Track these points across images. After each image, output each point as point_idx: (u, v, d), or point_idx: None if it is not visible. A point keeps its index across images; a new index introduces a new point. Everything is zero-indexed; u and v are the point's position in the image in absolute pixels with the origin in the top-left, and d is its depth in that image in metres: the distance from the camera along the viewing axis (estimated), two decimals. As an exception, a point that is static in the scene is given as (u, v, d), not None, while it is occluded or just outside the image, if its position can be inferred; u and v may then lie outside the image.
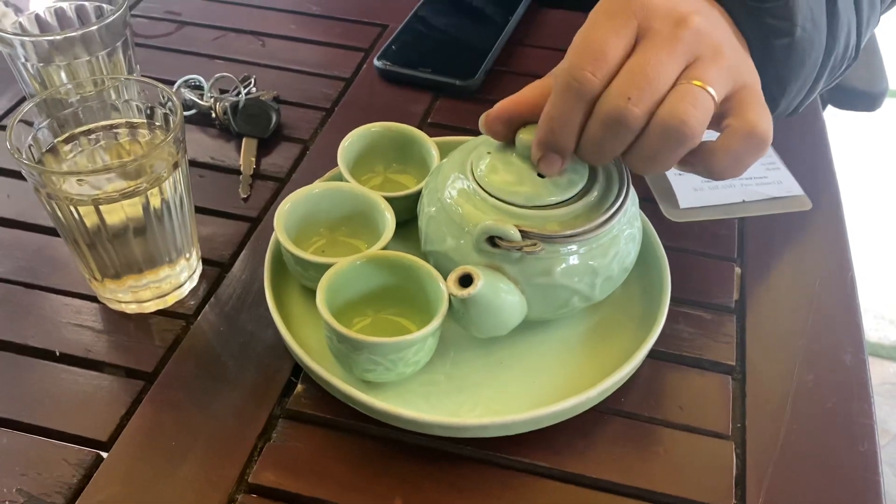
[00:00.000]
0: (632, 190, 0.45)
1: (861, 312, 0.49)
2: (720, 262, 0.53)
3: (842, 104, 0.82)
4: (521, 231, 0.41)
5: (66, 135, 0.46)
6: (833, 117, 0.84)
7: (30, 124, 0.44)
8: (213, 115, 0.62)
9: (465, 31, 0.73)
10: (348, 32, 0.74)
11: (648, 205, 0.56)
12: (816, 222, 0.55)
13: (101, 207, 0.42)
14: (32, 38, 0.51)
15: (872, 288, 1.54)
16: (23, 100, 0.63)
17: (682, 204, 0.56)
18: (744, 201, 0.56)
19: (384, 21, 0.75)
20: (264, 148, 0.61)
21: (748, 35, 0.43)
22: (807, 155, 0.60)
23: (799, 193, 0.57)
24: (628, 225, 0.44)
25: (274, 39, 0.73)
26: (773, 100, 0.45)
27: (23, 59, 0.52)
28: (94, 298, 0.50)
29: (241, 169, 0.59)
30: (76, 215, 0.42)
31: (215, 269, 0.52)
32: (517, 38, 0.72)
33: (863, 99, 0.80)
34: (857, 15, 0.47)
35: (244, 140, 0.61)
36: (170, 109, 0.45)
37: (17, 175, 0.58)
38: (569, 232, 0.41)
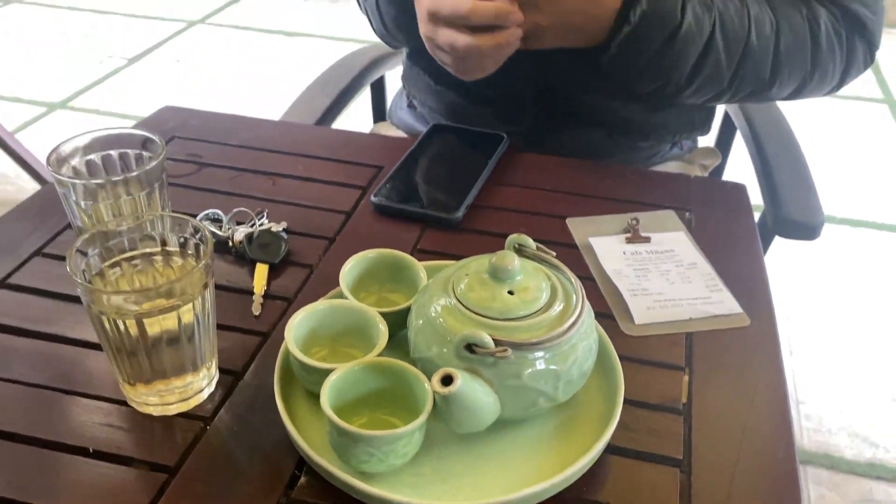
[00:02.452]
0: (587, 305, 0.53)
1: (791, 414, 0.57)
2: (671, 370, 0.60)
3: (787, 234, 0.93)
4: (494, 339, 0.49)
5: (112, 261, 0.55)
6: (782, 245, 0.95)
7: (84, 253, 0.53)
8: (230, 243, 0.71)
9: (450, 172, 0.83)
10: (349, 173, 0.84)
11: (609, 321, 0.64)
12: (754, 336, 0.64)
13: (143, 321, 0.50)
14: (84, 182, 0.61)
15: (847, 407, 1.60)
16: (66, 227, 0.72)
17: (637, 321, 0.64)
18: (690, 318, 0.65)
19: (380, 163, 0.86)
20: (275, 272, 0.70)
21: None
22: (745, 278, 0.70)
23: (738, 311, 0.66)
24: (585, 335, 0.52)
25: (284, 178, 0.83)
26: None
27: (74, 198, 0.61)
28: (123, 402, 0.57)
29: (254, 290, 0.67)
30: (121, 327, 0.50)
31: (230, 377, 0.59)
32: (494, 178, 0.83)
33: (804, 230, 0.90)
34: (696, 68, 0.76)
35: (257, 265, 0.69)
36: (201, 240, 0.54)
37: (59, 296, 0.66)
38: (534, 340, 0.50)
